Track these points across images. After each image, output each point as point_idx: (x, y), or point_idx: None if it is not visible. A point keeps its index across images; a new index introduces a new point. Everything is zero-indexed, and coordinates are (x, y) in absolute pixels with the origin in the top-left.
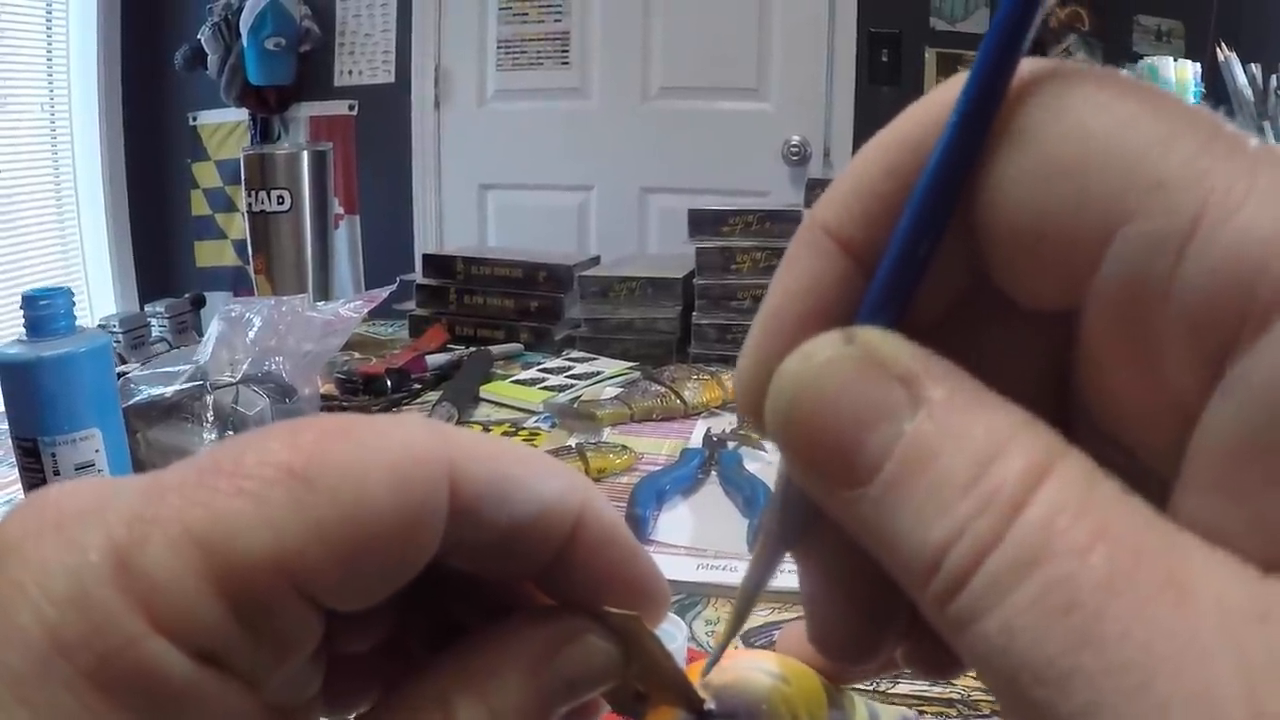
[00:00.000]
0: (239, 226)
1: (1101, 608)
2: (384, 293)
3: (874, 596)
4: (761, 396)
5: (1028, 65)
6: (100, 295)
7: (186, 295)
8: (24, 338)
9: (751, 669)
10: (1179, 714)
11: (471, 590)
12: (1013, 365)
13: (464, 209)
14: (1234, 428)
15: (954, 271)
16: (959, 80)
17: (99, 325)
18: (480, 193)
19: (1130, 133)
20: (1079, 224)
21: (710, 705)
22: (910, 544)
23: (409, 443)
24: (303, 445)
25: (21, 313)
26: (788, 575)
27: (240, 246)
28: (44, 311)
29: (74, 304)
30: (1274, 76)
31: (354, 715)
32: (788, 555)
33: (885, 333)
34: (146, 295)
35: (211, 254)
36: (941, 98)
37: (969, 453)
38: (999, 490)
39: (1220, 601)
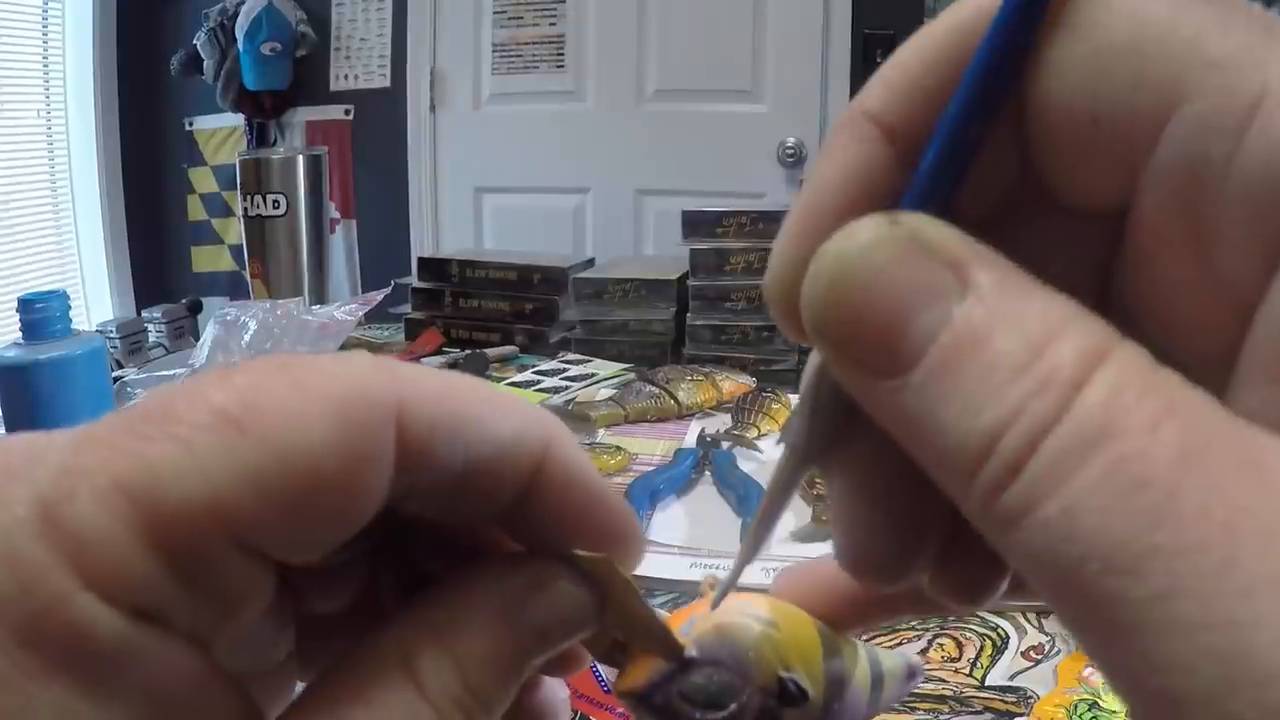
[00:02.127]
0: (235, 231)
1: (1177, 484)
2: (379, 296)
3: (906, 510)
4: (796, 285)
5: None
6: (97, 301)
7: (183, 300)
8: (20, 341)
9: (740, 614)
10: (1266, 595)
11: (441, 540)
12: (1053, 272)
13: (460, 212)
14: None
15: (999, 169)
16: None
17: (95, 330)
18: (476, 196)
19: (1186, 16)
20: (1135, 105)
21: (692, 653)
22: (957, 432)
23: (351, 381)
24: (236, 387)
25: (17, 317)
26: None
27: (237, 251)
28: (40, 315)
29: (70, 307)
30: None
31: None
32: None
33: (931, 218)
34: (143, 301)
35: (208, 259)
36: None
37: (1022, 335)
38: (1056, 370)
39: None
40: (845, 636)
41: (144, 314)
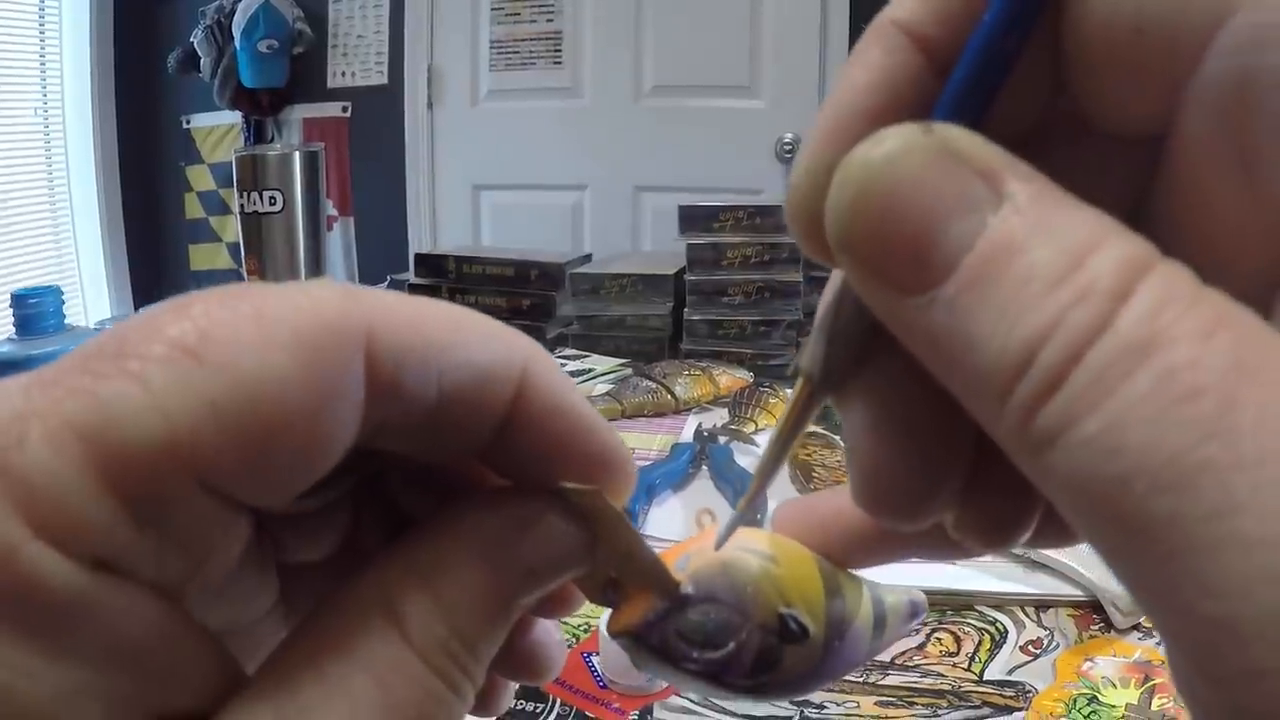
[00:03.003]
0: (233, 230)
1: (1232, 394)
2: None
3: (929, 443)
4: (819, 196)
5: None
6: (95, 299)
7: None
8: (14, 336)
9: (739, 549)
10: None
11: (422, 479)
12: (1085, 199)
13: (458, 209)
14: None
15: (1031, 89)
16: None
17: (94, 327)
18: (474, 193)
19: None
20: (1183, 13)
21: (689, 589)
22: (991, 348)
23: (316, 308)
24: (193, 317)
25: (11, 313)
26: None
27: (234, 249)
28: (33, 310)
29: (63, 302)
30: None
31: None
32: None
33: (963, 129)
34: (141, 299)
35: (206, 257)
36: None
37: (1060, 246)
38: (1098, 280)
39: None
40: (847, 572)
41: (141, 312)
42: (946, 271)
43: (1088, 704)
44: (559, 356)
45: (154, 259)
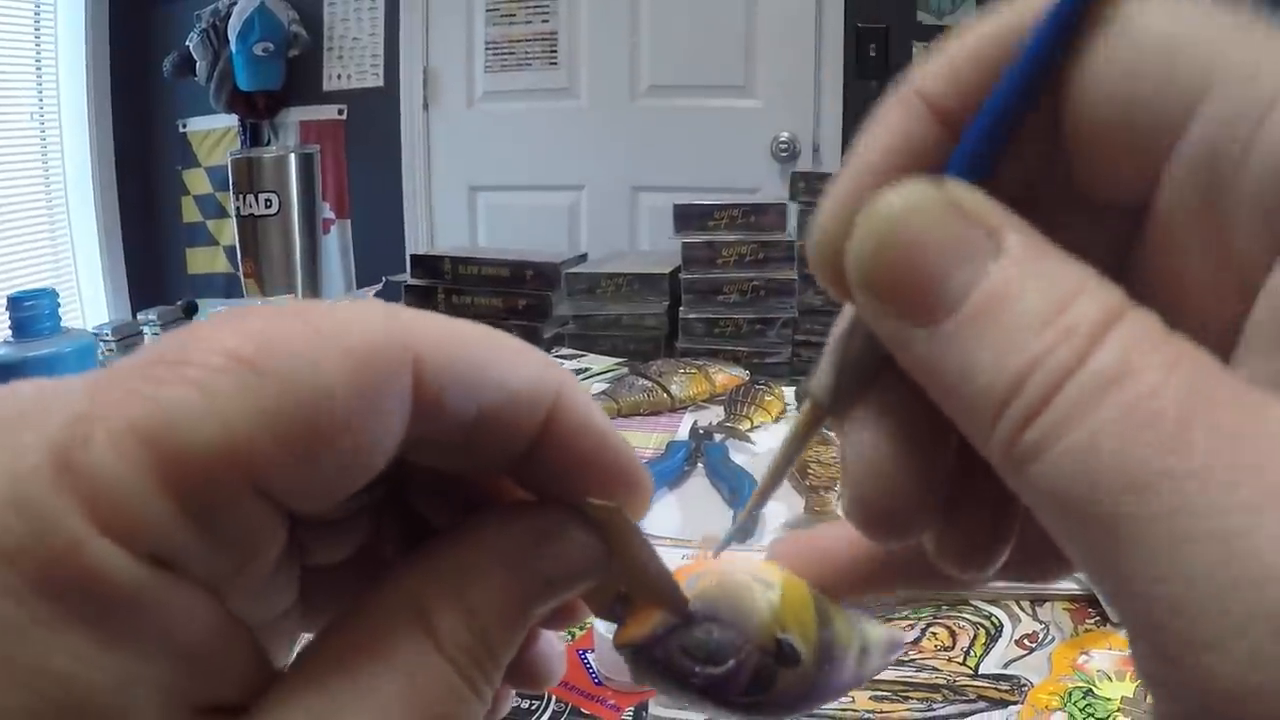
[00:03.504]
0: (230, 233)
1: (1187, 417)
2: (369, 292)
3: (918, 466)
4: (841, 240)
5: None
6: (93, 303)
7: (179, 302)
8: (10, 339)
9: (742, 574)
10: (1267, 510)
11: (446, 493)
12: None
13: (455, 211)
14: None
15: (1026, 158)
16: None
17: (91, 332)
18: (471, 194)
19: (1213, 26)
20: (1165, 100)
21: (694, 608)
22: (986, 376)
23: (368, 327)
24: (251, 331)
25: (7, 316)
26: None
27: (232, 253)
28: (29, 313)
29: (59, 305)
30: None
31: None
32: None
33: (970, 187)
34: (139, 303)
35: (203, 260)
36: None
37: (1048, 293)
38: (1079, 323)
39: None
40: (837, 605)
41: (139, 316)
42: (951, 309)
43: (1083, 697)
44: (556, 356)
45: (151, 263)
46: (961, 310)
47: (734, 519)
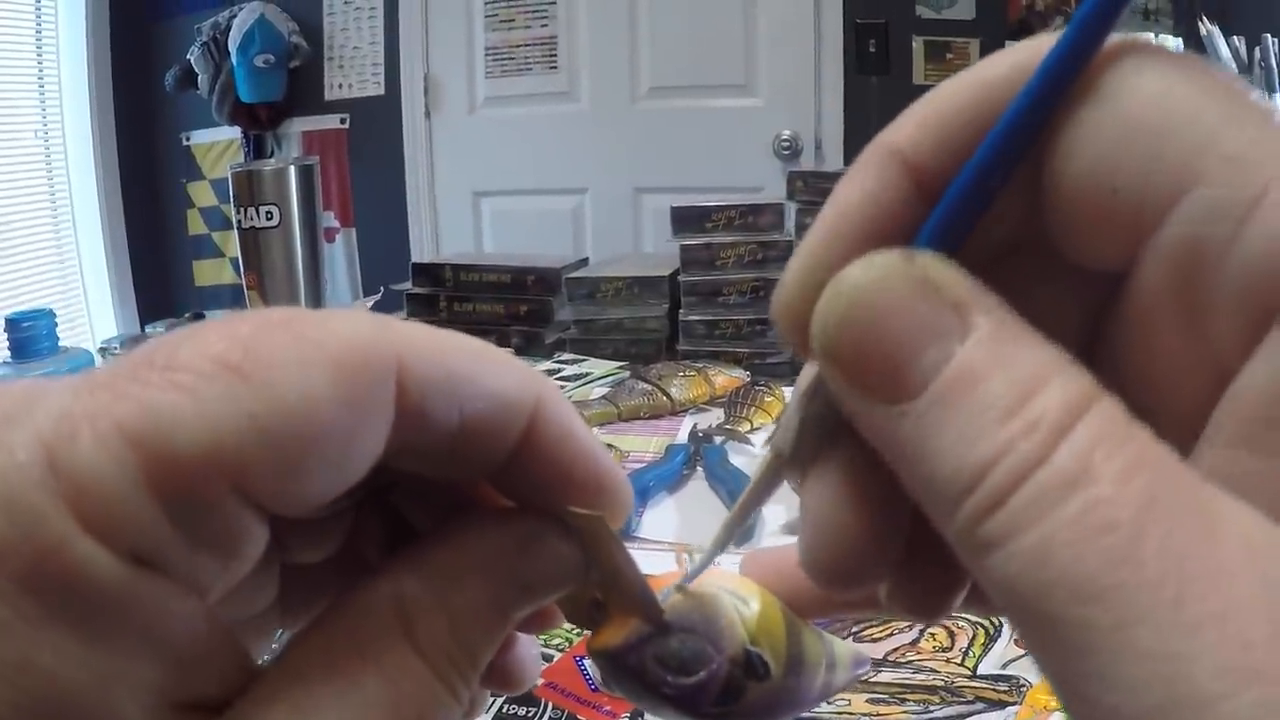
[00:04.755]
0: (235, 245)
1: (1141, 528)
2: (369, 302)
3: (871, 524)
4: (808, 304)
5: (1111, 38)
6: (101, 317)
7: (186, 315)
8: (8, 360)
9: (714, 587)
10: (1208, 630)
11: (427, 495)
12: (1044, 317)
13: (459, 217)
14: (1268, 386)
15: (1007, 218)
16: (1044, 39)
17: (100, 347)
18: (475, 200)
19: (1207, 105)
20: (1152, 180)
21: (668, 619)
22: (950, 461)
23: (353, 335)
24: (239, 337)
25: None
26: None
27: (238, 265)
28: (26, 333)
29: (56, 324)
30: (1257, 49)
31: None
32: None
33: (942, 259)
34: (147, 316)
35: (210, 273)
36: (1026, 51)
37: (1015, 380)
38: (1044, 416)
39: (1246, 537)
40: (805, 622)
41: (147, 329)
42: (918, 390)
43: None
44: (557, 361)
45: (159, 276)
46: (927, 392)
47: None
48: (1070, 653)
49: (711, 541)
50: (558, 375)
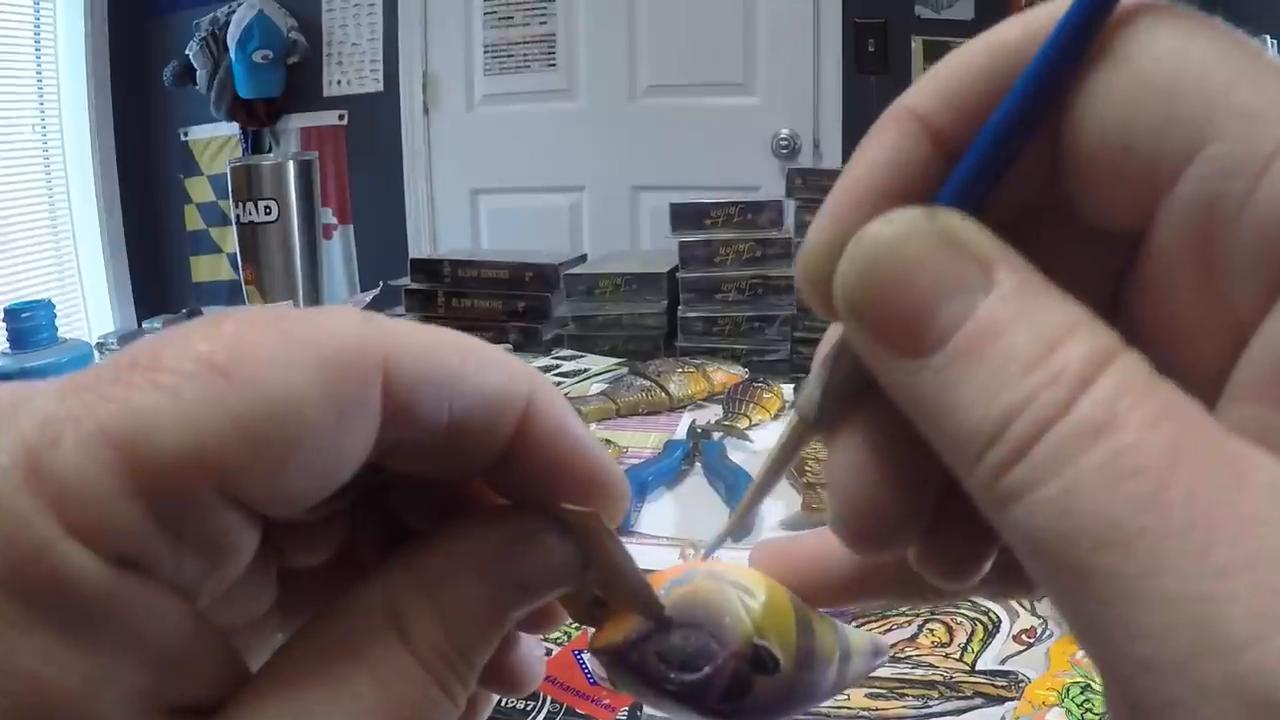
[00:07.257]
0: (233, 240)
1: (1167, 474)
2: (367, 298)
3: (902, 482)
4: (829, 262)
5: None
6: (98, 312)
7: (184, 310)
8: (7, 351)
9: (719, 581)
10: (1239, 575)
11: (424, 496)
12: (1065, 279)
13: (457, 214)
14: None
15: (1026, 179)
16: (1060, 1)
17: (97, 343)
18: (472, 197)
19: (1221, 63)
20: (1166, 139)
21: (671, 614)
22: (972, 414)
23: (338, 333)
24: (224, 337)
25: (4, 327)
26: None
27: (235, 260)
28: (26, 324)
29: (55, 316)
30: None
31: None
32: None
33: (965, 216)
34: (144, 311)
35: (207, 268)
36: (1044, 13)
37: (1038, 333)
38: (1067, 368)
39: (1275, 485)
40: (817, 612)
41: (145, 325)
42: (939, 344)
43: (1080, 692)
44: (555, 357)
45: (156, 271)
46: (949, 345)
47: (728, 518)
48: (1096, 603)
49: (738, 507)
50: (556, 371)
